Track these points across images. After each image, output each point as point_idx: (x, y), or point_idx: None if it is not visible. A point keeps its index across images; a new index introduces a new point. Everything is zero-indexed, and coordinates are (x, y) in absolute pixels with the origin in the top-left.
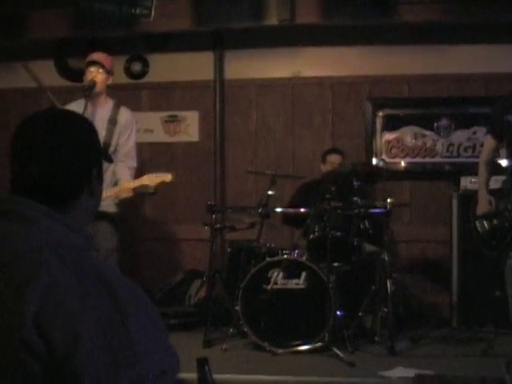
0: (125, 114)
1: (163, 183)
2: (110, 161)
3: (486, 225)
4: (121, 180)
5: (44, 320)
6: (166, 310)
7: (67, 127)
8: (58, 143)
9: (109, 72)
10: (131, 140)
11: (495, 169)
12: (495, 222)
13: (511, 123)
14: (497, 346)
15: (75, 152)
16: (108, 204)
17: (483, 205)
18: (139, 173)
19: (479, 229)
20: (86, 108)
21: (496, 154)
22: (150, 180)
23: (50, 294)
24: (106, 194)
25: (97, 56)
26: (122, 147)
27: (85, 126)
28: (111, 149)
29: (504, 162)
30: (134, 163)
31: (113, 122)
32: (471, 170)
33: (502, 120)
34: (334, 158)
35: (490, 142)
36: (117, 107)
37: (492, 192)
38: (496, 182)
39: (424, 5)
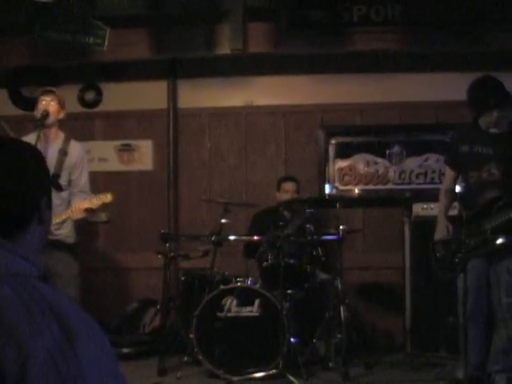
0: (76, 148)
1: (104, 204)
2: (60, 189)
3: (442, 250)
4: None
5: None
6: (121, 338)
7: (15, 156)
8: (6, 173)
9: (61, 105)
10: (84, 175)
11: (455, 196)
12: (451, 247)
13: (466, 154)
14: (449, 371)
15: (24, 181)
16: (66, 235)
17: (440, 231)
18: None
19: (437, 253)
20: (38, 139)
21: (456, 183)
22: (91, 203)
23: (0, 323)
24: (61, 218)
25: (50, 88)
26: (76, 184)
27: (33, 154)
28: (61, 180)
29: (457, 188)
30: (89, 195)
31: (63, 152)
32: (423, 196)
33: (457, 151)
34: (289, 186)
35: (449, 172)
36: (67, 140)
37: (451, 218)
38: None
39: (375, 34)
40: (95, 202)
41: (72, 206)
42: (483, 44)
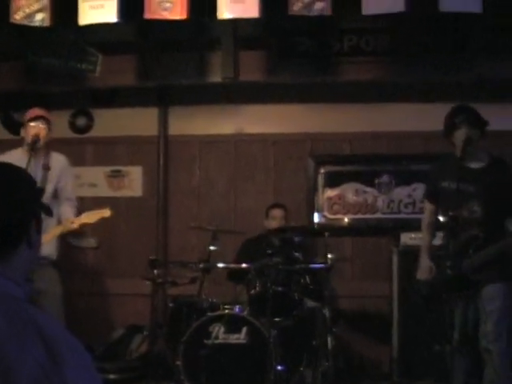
0: (57, 159)
1: (102, 218)
2: (50, 214)
3: (426, 288)
4: (64, 219)
5: None
6: (107, 365)
7: (3, 181)
8: None
9: (50, 128)
10: (69, 183)
11: (438, 226)
12: (435, 286)
13: (445, 189)
14: None
15: (12, 205)
16: (50, 250)
17: (423, 271)
18: (83, 228)
19: (422, 291)
20: (29, 162)
21: (436, 216)
22: (89, 218)
23: None
24: (54, 234)
25: (40, 112)
26: (63, 191)
27: (22, 179)
28: (47, 195)
29: (441, 218)
30: (75, 202)
31: (46, 167)
32: (411, 226)
33: (436, 186)
34: (276, 213)
35: (428, 206)
36: (48, 154)
37: (435, 250)
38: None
39: (364, 64)
40: (93, 217)
41: (65, 220)
42: (469, 74)
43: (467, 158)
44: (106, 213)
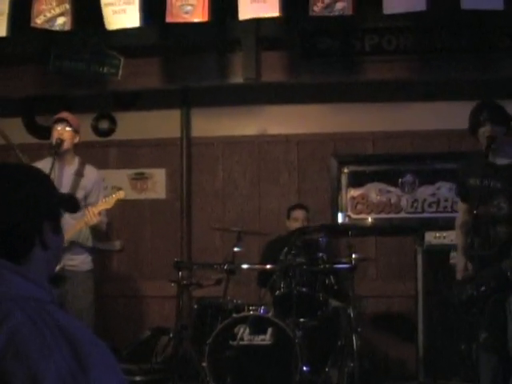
0: (92, 172)
1: (119, 200)
2: (72, 210)
3: (464, 292)
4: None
5: (5, 370)
6: (133, 367)
7: (13, 181)
8: (2, 197)
9: (76, 131)
10: (100, 199)
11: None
12: (472, 288)
13: (473, 187)
14: None
15: (21, 206)
16: (82, 261)
17: (461, 271)
18: (108, 232)
19: (461, 296)
20: (53, 166)
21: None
22: (107, 203)
23: (12, 345)
24: (76, 229)
25: (64, 115)
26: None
27: (35, 179)
28: None
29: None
30: (105, 217)
31: (79, 174)
32: (436, 225)
33: (464, 184)
34: (298, 214)
35: (460, 206)
36: (83, 163)
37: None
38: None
39: (387, 63)
40: (110, 201)
41: (86, 215)
42: (493, 72)
43: (493, 155)
44: (121, 194)
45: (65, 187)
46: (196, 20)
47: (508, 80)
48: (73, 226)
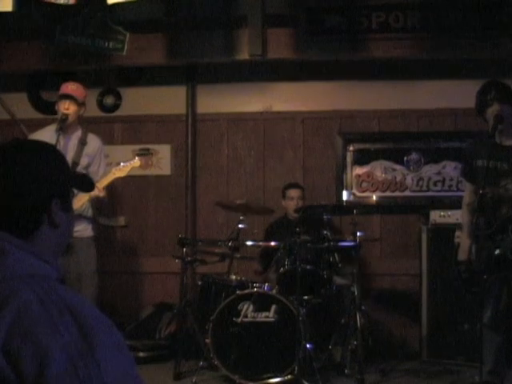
0: (94, 140)
1: (134, 169)
2: (88, 190)
3: (466, 271)
4: None
5: (12, 348)
6: (136, 342)
7: (24, 158)
8: (10, 174)
9: (81, 104)
10: (102, 167)
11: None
12: (474, 268)
13: (481, 169)
14: (466, 378)
15: (29, 182)
16: (84, 228)
17: (464, 252)
18: (111, 208)
19: (462, 275)
20: (58, 140)
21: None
22: (120, 171)
23: (19, 323)
24: (81, 201)
25: (70, 89)
26: (94, 175)
27: (47, 157)
28: (79, 167)
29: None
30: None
31: (82, 142)
32: (441, 203)
33: (472, 165)
34: (293, 193)
35: (468, 185)
36: (85, 132)
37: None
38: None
39: (393, 41)
40: (125, 169)
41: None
42: (501, 51)
43: (500, 136)
44: (136, 163)
45: (69, 155)
46: None
47: None
48: (78, 198)
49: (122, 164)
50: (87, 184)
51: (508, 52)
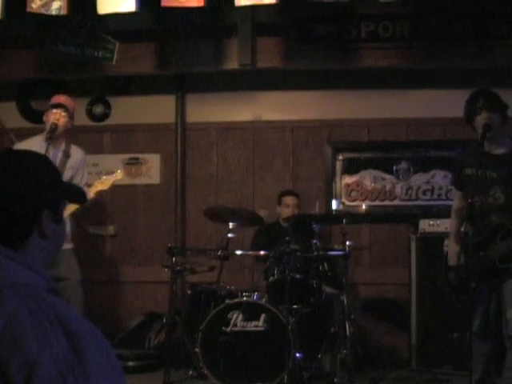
0: (77, 152)
1: (116, 181)
2: (80, 201)
3: (455, 278)
4: None
5: (1, 356)
6: (126, 352)
7: (15, 168)
8: (0, 184)
9: (71, 116)
10: (85, 178)
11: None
12: (463, 275)
13: (469, 176)
14: None
15: (19, 193)
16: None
17: (452, 258)
18: (101, 216)
19: (451, 282)
20: (47, 150)
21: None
22: (103, 184)
23: (8, 333)
24: (69, 210)
25: (62, 99)
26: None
27: (39, 168)
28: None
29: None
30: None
31: (66, 155)
32: (430, 213)
33: (461, 173)
34: (289, 200)
35: (457, 193)
36: (69, 143)
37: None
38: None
39: (382, 50)
40: (107, 182)
41: None
42: (489, 60)
43: (489, 144)
44: (119, 175)
45: None
46: (191, 5)
47: (504, 68)
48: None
49: (104, 177)
50: (79, 195)
51: (496, 62)
